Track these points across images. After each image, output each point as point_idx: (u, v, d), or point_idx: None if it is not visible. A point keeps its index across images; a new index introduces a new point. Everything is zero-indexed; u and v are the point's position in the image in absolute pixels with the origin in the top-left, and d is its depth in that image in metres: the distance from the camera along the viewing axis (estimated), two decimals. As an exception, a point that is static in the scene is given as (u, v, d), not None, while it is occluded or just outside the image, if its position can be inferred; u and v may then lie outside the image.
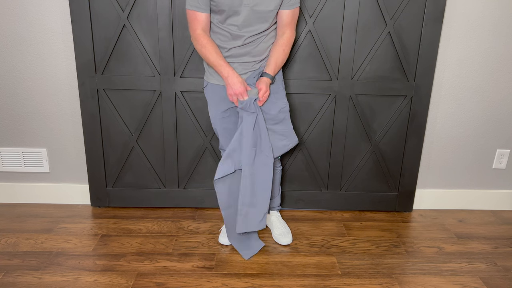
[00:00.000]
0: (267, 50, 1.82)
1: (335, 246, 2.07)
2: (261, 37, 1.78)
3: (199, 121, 2.24)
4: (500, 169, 2.42)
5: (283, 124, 1.88)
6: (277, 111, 1.84)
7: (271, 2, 1.70)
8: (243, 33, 1.73)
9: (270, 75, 1.79)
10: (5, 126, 2.29)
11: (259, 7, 1.69)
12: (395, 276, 1.85)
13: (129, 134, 2.25)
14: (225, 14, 1.70)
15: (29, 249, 1.99)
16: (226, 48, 1.77)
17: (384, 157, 2.32)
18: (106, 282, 1.77)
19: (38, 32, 2.11)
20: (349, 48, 2.11)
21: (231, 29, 1.73)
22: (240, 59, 1.79)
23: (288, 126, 1.89)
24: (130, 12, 2.04)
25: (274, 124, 1.86)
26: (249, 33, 1.73)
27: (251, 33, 1.74)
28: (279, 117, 1.86)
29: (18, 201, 2.42)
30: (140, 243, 2.05)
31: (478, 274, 1.88)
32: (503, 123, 2.33)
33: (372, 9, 2.06)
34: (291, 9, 1.76)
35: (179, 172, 2.33)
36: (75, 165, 2.36)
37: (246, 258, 1.94)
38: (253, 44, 1.77)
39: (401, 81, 2.18)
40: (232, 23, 1.72)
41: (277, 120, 1.86)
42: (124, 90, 2.17)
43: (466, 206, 2.48)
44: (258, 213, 1.88)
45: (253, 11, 1.69)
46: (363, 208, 2.41)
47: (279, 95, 1.86)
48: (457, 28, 2.14)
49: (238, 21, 1.70)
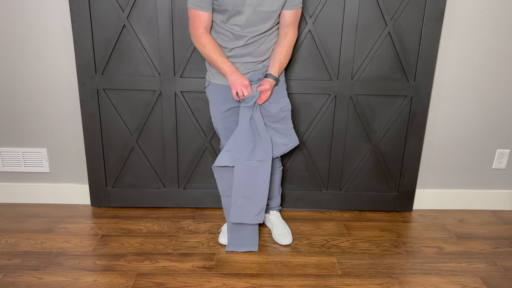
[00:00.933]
0: (269, 50, 1.82)
1: (335, 246, 2.07)
2: (264, 37, 1.78)
3: (199, 121, 2.24)
4: (500, 169, 2.42)
5: (283, 123, 1.88)
6: (278, 110, 1.84)
7: (274, 2, 1.70)
8: (246, 33, 1.73)
9: (274, 77, 1.79)
10: (5, 126, 2.29)
11: (262, 7, 1.69)
12: (395, 276, 1.85)
13: (129, 134, 2.25)
14: (228, 13, 1.70)
15: (29, 249, 1.99)
16: (228, 48, 1.77)
17: (384, 157, 2.32)
18: (106, 282, 1.77)
19: (38, 32, 2.11)
20: (349, 48, 2.11)
21: (233, 29, 1.73)
22: (242, 59, 1.79)
23: (288, 125, 1.89)
24: (130, 12, 2.04)
25: (274, 122, 1.86)
26: (252, 33, 1.73)
27: (253, 33, 1.74)
28: (279, 115, 1.85)
29: (18, 201, 2.42)
30: (140, 243, 2.05)
31: (478, 274, 1.88)
32: (503, 123, 2.33)
33: (372, 9, 2.06)
34: (294, 9, 1.77)
35: (179, 172, 2.33)
36: (75, 165, 2.36)
37: (226, 250, 1.96)
38: (256, 44, 1.77)
39: (401, 81, 2.18)
40: (234, 23, 1.72)
41: (277, 119, 1.86)
42: (124, 90, 2.17)
43: (466, 206, 2.48)
44: (254, 207, 1.88)
45: (256, 11, 1.69)
46: (363, 208, 2.41)
47: (280, 94, 1.86)
48: (457, 28, 2.14)
49: (241, 21, 1.70)
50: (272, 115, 1.85)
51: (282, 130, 1.88)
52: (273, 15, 1.73)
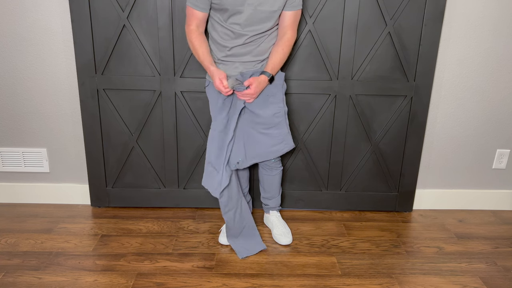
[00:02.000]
0: (269, 50, 1.82)
1: (335, 246, 2.07)
2: (263, 37, 1.78)
3: (199, 121, 2.24)
4: (500, 169, 2.42)
5: (278, 128, 1.87)
6: (271, 114, 1.83)
7: (275, 3, 1.70)
8: (246, 32, 1.73)
9: (267, 73, 1.79)
10: (5, 126, 2.29)
11: (263, 6, 1.69)
12: (395, 276, 1.85)
13: (129, 134, 2.25)
14: (228, 12, 1.70)
15: (29, 249, 1.99)
16: (228, 47, 1.77)
17: (384, 157, 2.32)
18: (106, 282, 1.77)
19: (38, 32, 2.11)
20: (349, 48, 2.11)
21: (233, 27, 1.73)
22: (242, 58, 1.79)
23: (284, 130, 1.88)
24: (130, 12, 2.04)
25: (269, 128, 1.85)
26: (252, 32, 1.74)
27: (253, 33, 1.74)
28: (273, 121, 1.84)
29: (18, 201, 2.42)
30: (140, 243, 2.05)
31: (478, 274, 1.88)
32: (503, 123, 2.33)
33: (372, 9, 2.06)
34: (294, 10, 1.77)
35: (179, 172, 2.33)
36: (75, 165, 2.36)
37: (240, 257, 1.94)
38: (255, 44, 1.78)
39: (401, 81, 2.18)
40: (234, 22, 1.72)
41: (272, 124, 1.85)
42: (124, 90, 2.17)
43: (466, 206, 2.48)
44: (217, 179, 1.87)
45: (257, 11, 1.70)
46: (363, 208, 2.41)
47: (275, 99, 1.85)
48: (457, 28, 2.14)
49: (241, 20, 1.71)
50: (264, 121, 1.84)
51: (278, 136, 1.87)
52: (273, 15, 1.73)
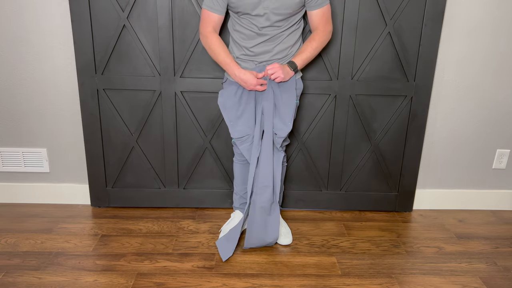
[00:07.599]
0: (288, 49, 1.84)
1: (335, 246, 2.07)
2: (282, 37, 1.80)
3: (199, 121, 2.24)
4: (500, 169, 2.42)
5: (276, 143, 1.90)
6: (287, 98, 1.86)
7: (291, 5, 1.72)
8: (264, 32, 1.77)
9: (293, 62, 1.81)
10: (5, 126, 2.29)
11: (279, 10, 1.73)
12: (395, 276, 1.85)
13: (129, 134, 2.25)
14: (245, 14, 1.75)
15: (29, 249, 1.99)
16: (247, 46, 1.81)
17: (384, 157, 2.32)
18: (106, 282, 1.77)
19: (38, 32, 2.11)
20: (349, 48, 2.11)
21: (252, 28, 1.77)
22: (260, 57, 1.82)
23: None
24: (130, 12, 2.04)
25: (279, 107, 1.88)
26: (270, 31, 1.77)
27: (272, 32, 1.77)
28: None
29: (18, 201, 2.42)
30: (140, 243, 2.05)
31: (478, 274, 1.88)
32: (503, 123, 2.33)
33: (372, 9, 2.06)
34: (318, 8, 1.79)
35: (179, 172, 2.33)
36: (75, 165, 2.36)
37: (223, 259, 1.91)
38: (274, 43, 1.80)
39: (401, 81, 2.18)
40: (253, 23, 1.76)
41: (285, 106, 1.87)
42: (124, 90, 2.17)
43: (466, 206, 2.48)
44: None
45: (273, 13, 1.73)
46: (363, 208, 2.41)
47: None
48: (457, 28, 2.14)
49: (258, 21, 1.75)
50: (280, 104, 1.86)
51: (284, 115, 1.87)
52: (290, 16, 1.76)
